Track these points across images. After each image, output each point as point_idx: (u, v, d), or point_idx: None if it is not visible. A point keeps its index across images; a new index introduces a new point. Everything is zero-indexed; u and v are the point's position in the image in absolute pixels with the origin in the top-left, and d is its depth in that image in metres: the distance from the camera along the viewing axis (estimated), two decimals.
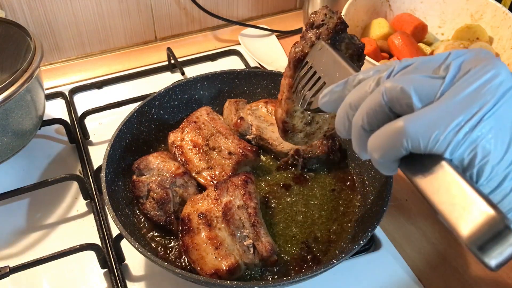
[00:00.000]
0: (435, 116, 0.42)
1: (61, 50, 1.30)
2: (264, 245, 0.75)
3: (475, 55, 0.45)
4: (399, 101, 0.43)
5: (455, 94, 0.42)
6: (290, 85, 0.70)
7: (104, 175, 0.81)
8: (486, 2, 1.15)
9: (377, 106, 0.44)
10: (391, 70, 0.46)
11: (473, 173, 0.43)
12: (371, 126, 0.46)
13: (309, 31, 0.68)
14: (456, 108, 0.42)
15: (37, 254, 0.81)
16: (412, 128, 0.42)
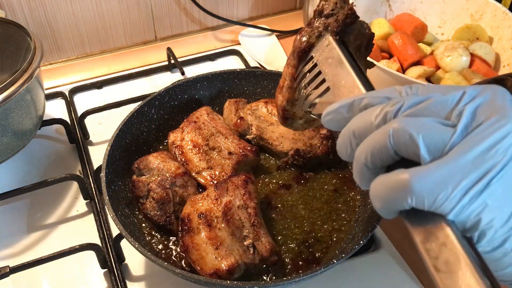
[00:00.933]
0: (443, 175, 0.39)
1: (61, 50, 1.30)
2: (264, 245, 0.75)
3: (491, 101, 0.42)
4: (406, 147, 0.41)
5: (465, 151, 0.40)
6: (293, 75, 0.67)
7: (104, 175, 0.81)
8: (486, 2, 1.15)
9: (382, 147, 0.42)
10: (400, 105, 0.43)
11: (474, 235, 0.41)
12: (375, 165, 0.44)
13: (317, 19, 0.64)
14: (465, 169, 0.39)
15: (37, 254, 0.81)
16: (418, 186, 0.40)
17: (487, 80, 0.87)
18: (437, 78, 1.07)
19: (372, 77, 1.07)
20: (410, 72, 1.08)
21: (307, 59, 0.64)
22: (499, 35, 1.13)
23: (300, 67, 0.65)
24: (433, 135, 0.41)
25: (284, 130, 0.95)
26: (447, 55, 1.07)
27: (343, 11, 0.63)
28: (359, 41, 0.65)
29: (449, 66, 1.06)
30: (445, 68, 1.07)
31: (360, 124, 0.45)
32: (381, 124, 0.43)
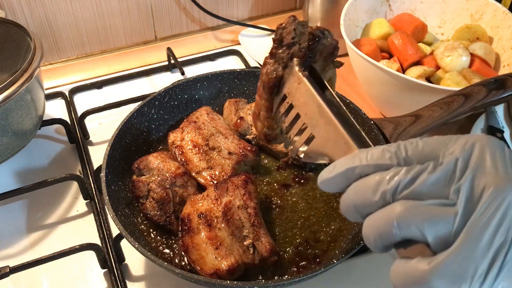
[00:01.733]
0: (459, 268, 0.40)
1: (61, 50, 1.30)
2: (264, 245, 0.75)
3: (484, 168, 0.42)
4: (414, 236, 0.42)
5: (475, 240, 0.40)
6: (267, 107, 0.66)
7: (104, 175, 0.81)
8: (486, 2, 1.15)
9: (389, 234, 0.43)
10: (396, 185, 0.44)
11: None
12: (384, 245, 0.45)
13: (280, 49, 0.62)
14: (479, 257, 0.40)
15: (37, 254, 0.81)
16: (437, 281, 0.40)
17: (487, 80, 0.87)
18: (437, 78, 1.07)
19: (373, 77, 1.07)
20: (410, 72, 1.08)
21: (280, 94, 0.63)
22: (499, 35, 1.13)
23: (273, 99, 0.64)
24: (438, 222, 0.41)
25: None
26: (447, 55, 1.07)
27: (304, 37, 0.62)
28: (325, 54, 0.64)
29: (449, 66, 1.06)
30: (445, 68, 1.07)
31: (360, 200, 0.46)
32: (380, 202, 0.44)
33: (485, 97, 0.84)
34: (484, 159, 0.42)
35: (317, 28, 0.64)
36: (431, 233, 0.41)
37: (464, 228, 0.41)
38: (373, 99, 1.16)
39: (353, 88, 1.24)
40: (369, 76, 1.06)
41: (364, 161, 0.46)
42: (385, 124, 0.87)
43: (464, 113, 0.85)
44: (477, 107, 0.84)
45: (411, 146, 0.45)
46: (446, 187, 0.42)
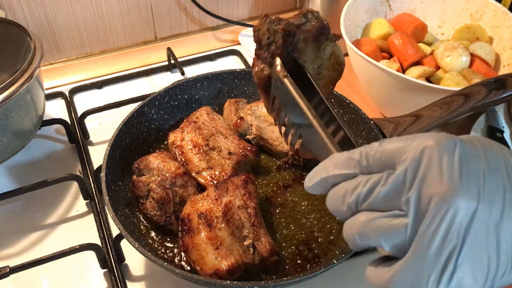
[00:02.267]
0: (414, 275, 0.43)
1: (61, 50, 1.30)
2: (264, 245, 0.75)
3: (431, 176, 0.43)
4: (377, 246, 0.47)
5: (422, 248, 0.43)
6: (266, 105, 0.68)
7: (104, 175, 0.81)
8: (486, 2, 1.15)
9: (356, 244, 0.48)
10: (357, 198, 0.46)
11: None
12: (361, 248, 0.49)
13: (261, 50, 0.64)
14: (431, 263, 0.42)
15: (37, 254, 0.81)
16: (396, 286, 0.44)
17: (487, 80, 0.87)
18: (437, 78, 1.07)
19: (373, 77, 1.07)
20: (410, 72, 1.08)
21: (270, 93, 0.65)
22: (499, 35, 1.13)
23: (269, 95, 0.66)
24: (391, 235, 0.44)
25: None
26: (447, 55, 1.07)
27: (278, 35, 0.63)
28: (311, 39, 0.65)
29: (449, 66, 1.06)
30: (445, 68, 1.07)
31: (334, 209, 0.49)
32: (349, 212, 0.48)
33: (485, 97, 0.84)
34: (431, 167, 0.43)
35: (296, 16, 0.64)
36: (387, 244, 0.45)
37: (415, 238, 0.43)
38: (373, 99, 1.16)
39: (353, 88, 1.24)
40: (369, 76, 1.06)
41: (332, 171, 0.49)
42: (385, 124, 0.87)
43: (464, 113, 0.85)
44: (477, 107, 0.84)
45: (371, 153, 0.47)
46: (398, 198, 0.44)
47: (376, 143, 0.47)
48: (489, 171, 0.44)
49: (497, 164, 0.45)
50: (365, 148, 0.47)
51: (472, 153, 0.45)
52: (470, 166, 0.44)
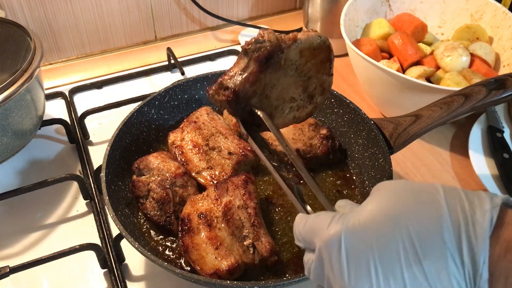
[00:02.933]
0: None
1: (61, 50, 1.30)
2: (264, 245, 0.75)
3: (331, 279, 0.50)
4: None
5: None
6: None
7: (104, 175, 0.81)
8: (486, 2, 1.15)
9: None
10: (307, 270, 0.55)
11: None
12: None
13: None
14: None
15: (37, 254, 0.81)
16: None
17: (487, 80, 0.87)
18: (437, 78, 1.07)
19: (373, 77, 1.07)
20: (410, 72, 1.08)
21: None
22: (499, 35, 1.13)
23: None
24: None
25: (284, 130, 0.95)
26: (447, 55, 1.07)
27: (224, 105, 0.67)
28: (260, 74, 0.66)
29: (449, 66, 1.06)
30: (445, 68, 1.07)
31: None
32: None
33: (485, 97, 0.84)
34: (327, 267, 0.50)
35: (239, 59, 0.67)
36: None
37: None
38: (373, 99, 1.16)
39: (353, 88, 1.24)
40: (369, 76, 1.06)
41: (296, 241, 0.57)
42: (385, 124, 0.87)
43: (464, 113, 0.85)
44: (477, 107, 0.84)
45: (299, 234, 0.55)
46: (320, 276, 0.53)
47: (304, 221, 0.55)
48: (380, 260, 0.46)
49: (390, 245, 0.46)
50: (299, 224, 0.55)
51: (360, 244, 0.47)
52: (358, 261, 0.47)
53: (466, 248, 0.44)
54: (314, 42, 0.68)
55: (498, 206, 0.45)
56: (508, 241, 0.44)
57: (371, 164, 0.89)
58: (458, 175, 1.02)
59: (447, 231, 0.45)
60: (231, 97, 0.65)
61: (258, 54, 0.64)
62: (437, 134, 1.10)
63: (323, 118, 1.02)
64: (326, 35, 0.70)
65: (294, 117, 0.75)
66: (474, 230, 0.44)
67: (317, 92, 0.74)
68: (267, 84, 0.67)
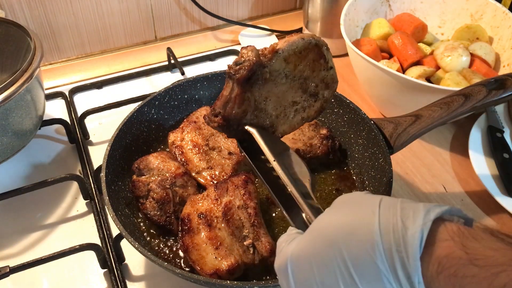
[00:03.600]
0: None
1: (61, 50, 1.30)
2: (264, 245, 0.75)
3: None
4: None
5: None
6: None
7: (104, 175, 0.81)
8: (486, 2, 1.15)
9: None
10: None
11: None
12: None
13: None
14: None
15: (37, 254, 0.81)
16: None
17: (487, 80, 0.87)
18: (437, 78, 1.07)
19: (373, 77, 1.07)
20: (410, 72, 1.08)
21: None
22: (499, 35, 1.13)
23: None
24: None
25: None
26: (447, 55, 1.07)
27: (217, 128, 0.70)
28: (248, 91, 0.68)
29: (449, 66, 1.06)
30: (445, 68, 1.07)
31: None
32: None
33: (485, 97, 0.84)
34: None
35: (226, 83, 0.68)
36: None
37: None
38: (373, 99, 1.16)
39: (353, 88, 1.24)
40: (369, 76, 1.06)
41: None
42: (385, 124, 0.87)
43: (464, 113, 0.85)
44: (477, 107, 0.84)
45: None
46: None
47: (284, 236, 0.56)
48: (322, 285, 0.47)
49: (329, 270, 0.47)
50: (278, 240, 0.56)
51: (303, 270, 0.49)
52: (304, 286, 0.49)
53: (401, 270, 0.43)
54: (297, 46, 0.68)
55: (430, 222, 0.44)
56: (439, 260, 0.42)
57: (371, 164, 0.89)
58: (458, 175, 1.02)
59: (379, 256, 0.44)
60: (221, 122, 0.67)
61: (238, 76, 0.65)
62: (437, 134, 1.10)
63: (323, 118, 1.02)
64: (326, 35, 0.70)
65: (302, 118, 0.75)
66: (406, 251, 0.43)
67: (321, 88, 0.74)
68: (258, 99, 0.68)
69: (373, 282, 0.45)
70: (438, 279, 0.42)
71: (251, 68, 0.64)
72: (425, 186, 1.00)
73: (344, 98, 0.96)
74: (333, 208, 0.52)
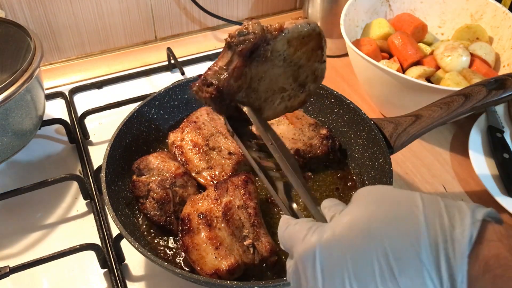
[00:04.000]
0: None
1: (61, 50, 1.30)
2: (264, 245, 0.75)
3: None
4: None
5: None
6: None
7: (104, 175, 0.81)
8: (486, 2, 1.15)
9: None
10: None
11: None
12: None
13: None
14: None
15: (37, 254, 0.81)
16: None
17: (487, 80, 0.87)
18: (437, 78, 1.07)
19: (373, 77, 1.07)
20: (410, 72, 1.08)
21: None
22: (499, 35, 1.13)
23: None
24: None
25: (284, 130, 0.95)
26: (447, 55, 1.07)
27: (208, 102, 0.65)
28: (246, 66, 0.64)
29: (449, 66, 1.06)
30: (445, 68, 1.07)
31: None
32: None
33: (485, 97, 0.84)
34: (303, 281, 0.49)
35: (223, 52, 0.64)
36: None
37: None
38: (373, 99, 1.16)
39: (353, 88, 1.24)
40: (369, 76, 1.06)
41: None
42: (385, 124, 0.87)
43: (464, 113, 0.85)
44: (477, 107, 0.84)
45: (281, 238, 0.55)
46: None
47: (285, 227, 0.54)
48: (354, 276, 0.45)
49: (365, 261, 0.45)
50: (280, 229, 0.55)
51: (334, 259, 0.46)
52: (332, 276, 0.46)
53: (445, 266, 0.43)
54: (303, 30, 0.65)
55: (479, 221, 0.43)
56: (486, 260, 0.42)
57: (371, 164, 0.89)
58: (458, 175, 1.02)
59: (424, 250, 0.43)
60: (215, 94, 0.62)
61: (241, 48, 0.61)
62: (437, 134, 1.10)
63: (323, 118, 1.02)
64: (326, 35, 0.69)
65: (286, 107, 0.72)
66: (453, 247, 0.43)
67: (309, 80, 0.71)
68: (254, 77, 0.64)
69: (413, 277, 0.44)
70: (484, 279, 0.42)
71: (256, 42, 0.61)
72: (425, 186, 1.00)
73: (344, 98, 0.96)
74: (362, 201, 0.49)
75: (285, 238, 0.53)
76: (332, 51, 1.34)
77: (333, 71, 1.30)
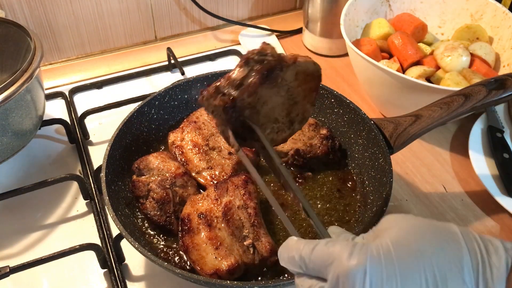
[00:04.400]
0: None
1: (61, 50, 1.30)
2: (264, 245, 0.75)
3: None
4: None
5: None
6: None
7: (104, 175, 0.81)
8: (486, 2, 1.15)
9: None
10: None
11: None
12: None
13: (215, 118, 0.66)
14: None
15: (37, 254, 0.81)
16: None
17: (487, 80, 0.87)
18: (437, 78, 1.07)
19: (373, 77, 1.07)
20: (410, 72, 1.08)
21: None
22: (499, 35, 1.13)
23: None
24: None
25: None
26: (447, 55, 1.07)
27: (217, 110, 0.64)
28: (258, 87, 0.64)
29: (449, 66, 1.06)
30: (445, 68, 1.07)
31: None
32: None
33: (485, 97, 0.84)
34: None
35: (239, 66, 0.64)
36: None
37: None
38: (373, 99, 1.16)
39: (353, 88, 1.24)
40: (369, 76, 1.06)
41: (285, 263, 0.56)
42: (385, 124, 0.87)
43: (464, 113, 0.85)
44: (477, 107, 0.84)
45: (306, 260, 0.53)
46: None
47: (311, 247, 0.53)
48: None
49: (413, 277, 0.48)
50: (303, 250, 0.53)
51: (383, 275, 0.49)
52: None
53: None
54: (310, 68, 0.68)
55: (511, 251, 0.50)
56: None
57: (371, 164, 0.89)
58: (458, 175, 1.02)
59: (467, 272, 0.48)
60: (229, 104, 0.62)
61: (261, 66, 0.62)
62: (437, 134, 1.10)
63: (323, 118, 1.02)
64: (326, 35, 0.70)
65: (272, 139, 0.73)
66: (491, 273, 0.48)
67: (297, 120, 0.73)
68: (260, 99, 0.66)
69: None
70: None
71: (275, 65, 0.63)
72: (425, 186, 1.00)
73: (344, 98, 0.96)
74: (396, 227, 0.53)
75: (317, 258, 0.53)
76: (332, 51, 1.34)
77: (333, 71, 1.30)
